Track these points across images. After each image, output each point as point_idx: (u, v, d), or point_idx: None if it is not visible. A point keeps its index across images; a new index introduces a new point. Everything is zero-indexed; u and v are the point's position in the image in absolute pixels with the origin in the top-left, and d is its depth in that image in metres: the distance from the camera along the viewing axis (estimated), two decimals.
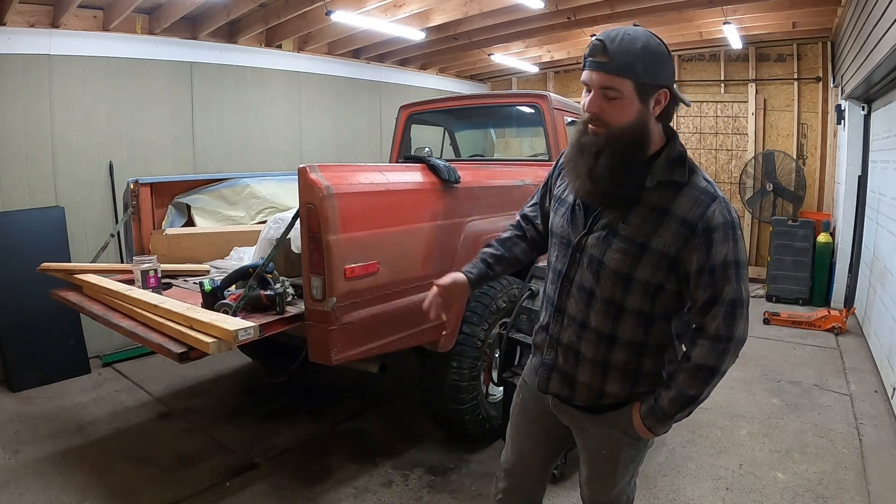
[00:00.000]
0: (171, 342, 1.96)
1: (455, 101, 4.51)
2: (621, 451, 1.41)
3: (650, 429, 1.32)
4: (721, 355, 1.24)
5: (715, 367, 1.25)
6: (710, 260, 1.20)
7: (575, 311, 1.35)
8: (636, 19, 5.23)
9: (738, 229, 1.22)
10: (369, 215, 2.18)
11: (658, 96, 1.21)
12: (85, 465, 2.74)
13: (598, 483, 1.48)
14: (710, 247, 1.20)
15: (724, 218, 1.20)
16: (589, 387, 1.36)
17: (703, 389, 1.26)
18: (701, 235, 1.20)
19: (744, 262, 1.24)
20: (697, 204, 1.21)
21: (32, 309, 3.63)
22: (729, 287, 1.21)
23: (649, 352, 1.33)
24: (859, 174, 4.94)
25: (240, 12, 4.37)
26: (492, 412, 2.87)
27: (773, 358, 4.11)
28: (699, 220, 1.20)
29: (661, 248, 1.23)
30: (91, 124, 4.10)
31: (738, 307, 1.22)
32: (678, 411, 1.28)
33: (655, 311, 1.30)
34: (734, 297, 1.21)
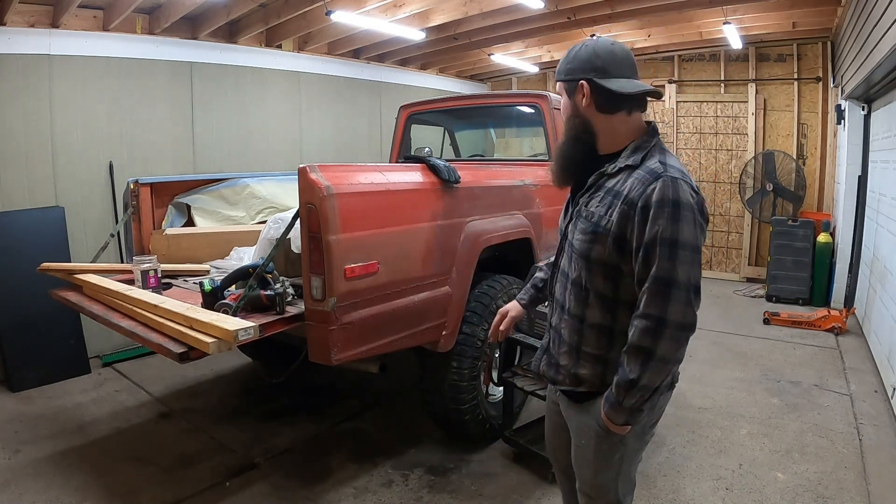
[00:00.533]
0: (171, 342, 1.96)
1: (455, 101, 4.51)
2: (595, 442, 1.43)
3: (608, 417, 1.33)
4: (654, 336, 1.22)
5: (649, 349, 1.23)
6: (644, 236, 1.24)
7: (558, 294, 1.49)
8: (636, 19, 5.24)
9: (681, 208, 1.22)
10: (369, 215, 2.18)
11: (580, 88, 1.36)
12: (85, 465, 2.74)
13: (580, 471, 1.52)
14: (645, 223, 1.24)
15: (662, 195, 1.23)
16: (567, 370, 1.44)
17: (641, 373, 1.24)
18: (639, 213, 1.25)
19: (685, 243, 1.21)
20: (641, 183, 1.27)
21: (32, 309, 3.63)
22: (659, 264, 1.21)
23: (617, 339, 1.35)
24: (859, 174, 4.94)
25: (240, 12, 4.37)
26: (492, 412, 2.87)
27: (773, 358, 4.11)
28: (639, 198, 1.26)
29: (609, 226, 1.30)
30: (91, 124, 4.10)
31: (673, 288, 1.21)
32: (625, 397, 1.27)
33: (620, 296, 1.34)
34: (665, 276, 1.21)
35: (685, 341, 1.25)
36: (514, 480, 2.63)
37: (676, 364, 1.28)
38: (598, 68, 1.34)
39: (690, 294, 1.22)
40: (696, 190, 1.28)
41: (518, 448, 2.78)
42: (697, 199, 1.26)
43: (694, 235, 1.23)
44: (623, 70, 1.35)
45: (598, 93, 1.34)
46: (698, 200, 1.27)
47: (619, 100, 1.34)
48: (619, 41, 1.41)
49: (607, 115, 1.36)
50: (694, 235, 1.23)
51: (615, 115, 1.36)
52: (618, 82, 1.33)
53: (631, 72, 1.36)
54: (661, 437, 2.96)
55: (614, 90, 1.32)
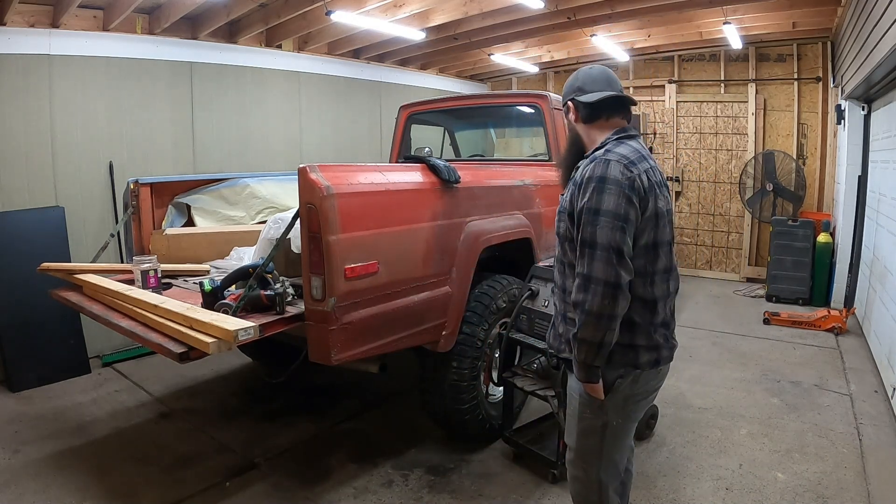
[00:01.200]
0: (171, 342, 1.97)
1: (455, 101, 4.51)
2: (578, 406, 1.62)
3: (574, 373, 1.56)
4: (583, 291, 1.44)
5: (580, 302, 1.45)
6: (577, 207, 1.50)
7: (555, 274, 1.72)
8: (636, 19, 5.24)
9: (605, 182, 1.44)
10: (369, 215, 2.18)
11: (569, 109, 1.67)
12: (85, 465, 2.74)
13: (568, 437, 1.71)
14: (579, 196, 1.50)
15: (592, 173, 1.48)
16: (564, 336, 1.62)
17: (578, 326, 1.46)
18: (577, 190, 1.52)
19: (607, 211, 1.43)
20: (583, 167, 1.55)
21: (32, 309, 3.63)
22: (583, 229, 1.46)
23: None
24: (859, 174, 4.94)
25: (240, 12, 4.37)
26: (492, 412, 2.87)
27: (773, 358, 4.11)
28: (578, 177, 1.54)
29: (565, 205, 1.58)
30: (91, 124, 4.10)
31: (596, 248, 1.43)
32: (576, 352, 1.50)
33: None
34: (588, 238, 1.44)
35: (611, 297, 1.41)
36: (514, 480, 2.62)
37: (610, 320, 1.43)
38: (577, 88, 1.64)
39: (611, 254, 1.41)
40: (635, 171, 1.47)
41: (518, 448, 2.78)
42: (629, 176, 1.45)
43: (616, 205, 1.43)
44: (597, 85, 1.61)
45: (579, 108, 1.63)
46: (629, 177, 1.45)
47: (594, 109, 1.61)
48: (600, 65, 1.71)
49: (590, 125, 1.64)
50: (616, 205, 1.43)
51: (595, 122, 1.63)
52: (588, 95, 1.61)
53: (604, 85, 1.61)
54: (661, 437, 2.96)
55: (584, 102, 1.60)
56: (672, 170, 6.78)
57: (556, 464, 2.56)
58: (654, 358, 1.55)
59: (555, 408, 2.49)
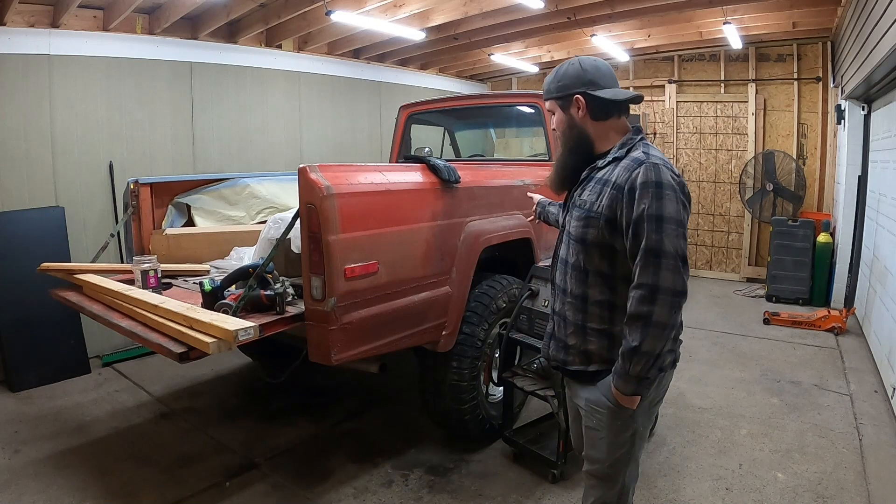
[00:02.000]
0: (171, 342, 1.97)
1: (455, 101, 4.51)
2: (608, 419, 1.52)
3: (618, 388, 1.44)
4: (649, 303, 1.34)
5: (646, 314, 1.35)
6: (632, 214, 1.38)
7: (559, 280, 1.62)
8: (636, 19, 5.24)
9: (663, 188, 1.36)
10: (369, 215, 2.18)
11: (575, 101, 1.54)
12: (85, 465, 2.74)
13: (592, 452, 1.60)
14: (632, 203, 1.39)
15: (646, 178, 1.38)
16: (576, 349, 1.56)
17: (641, 339, 1.35)
18: (626, 195, 1.41)
19: (670, 218, 1.35)
20: (626, 170, 1.44)
21: (32, 309, 3.63)
22: (647, 238, 1.35)
23: (618, 312, 1.47)
24: (859, 174, 4.94)
25: (240, 12, 4.37)
26: (492, 412, 2.87)
27: (773, 358, 4.11)
28: (626, 182, 1.42)
29: (601, 210, 1.46)
30: (91, 124, 4.10)
31: (662, 257, 1.34)
32: (631, 366, 1.39)
33: (616, 272, 1.48)
34: (654, 247, 1.34)
35: (678, 307, 1.36)
36: (514, 480, 2.62)
37: (673, 329, 1.38)
38: (589, 81, 1.53)
39: (678, 262, 1.35)
40: (677, 174, 1.42)
41: (518, 448, 2.78)
42: (679, 181, 1.41)
43: (677, 211, 1.37)
44: (608, 81, 1.55)
45: (592, 103, 1.53)
46: (679, 181, 1.41)
47: (610, 107, 1.54)
48: (598, 58, 1.61)
49: (601, 122, 1.55)
50: (677, 211, 1.37)
51: (607, 120, 1.55)
52: (609, 91, 1.53)
53: (614, 82, 1.57)
54: (661, 437, 2.96)
55: (608, 99, 1.52)
56: None
57: (556, 464, 2.56)
58: (674, 358, 1.54)
59: (555, 408, 2.49)
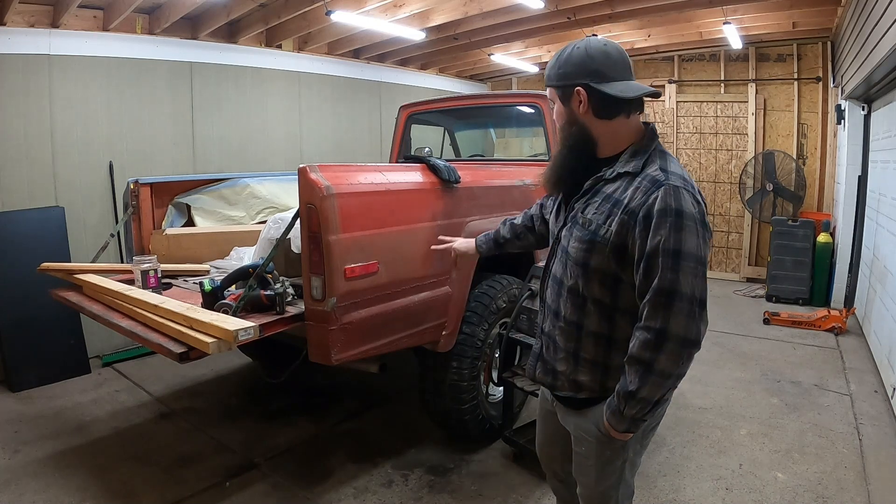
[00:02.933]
0: (171, 342, 1.96)
1: (455, 101, 4.51)
2: (596, 449, 1.39)
3: (609, 423, 1.30)
4: (654, 349, 1.18)
5: (649, 361, 1.18)
6: (645, 246, 1.19)
7: (551, 300, 1.43)
8: (636, 19, 5.24)
9: (683, 217, 1.17)
10: (369, 215, 2.18)
11: (576, 94, 1.29)
12: (85, 465, 2.74)
13: (581, 478, 1.49)
14: (647, 233, 1.19)
15: (664, 204, 1.18)
16: (565, 376, 1.40)
17: (639, 386, 1.20)
18: (641, 222, 1.20)
19: (689, 254, 1.16)
20: (641, 192, 1.22)
21: (32, 309, 3.63)
22: (661, 275, 1.16)
23: (616, 346, 1.31)
24: (859, 174, 4.94)
25: (240, 12, 4.37)
26: (492, 412, 2.87)
27: (773, 358, 4.11)
28: (640, 208, 1.21)
29: (609, 236, 1.25)
30: (91, 124, 4.10)
31: (676, 299, 1.16)
32: (625, 407, 1.24)
33: (619, 304, 1.30)
34: (667, 288, 1.16)
35: (688, 357, 1.19)
36: (514, 480, 2.62)
37: (678, 379, 1.22)
38: (594, 72, 1.27)
39: (695, 307, 1.17)
40: (699, 199, 1.23)
41: (518, 448, 2.78)
42: (699, 209, 1.21)
43: (697, 246, 1.18)
44: (619, 72, 1.29)
45: (596, 98, 1.28)
46: (700, 210, 1.21)
47: (619, 104, 1.28)
48: (611, 41, 1.34)
49: (607, 121, 1.31)
50: (697, 246, 1.18)
51: (615, 119, 1.30)
52: (617, 86, 1.27)
53: (627, 73, 1.30)
54: (661, 437, 2.96)
55: (615, 95, 1.26)
56: None
57: None
58: None
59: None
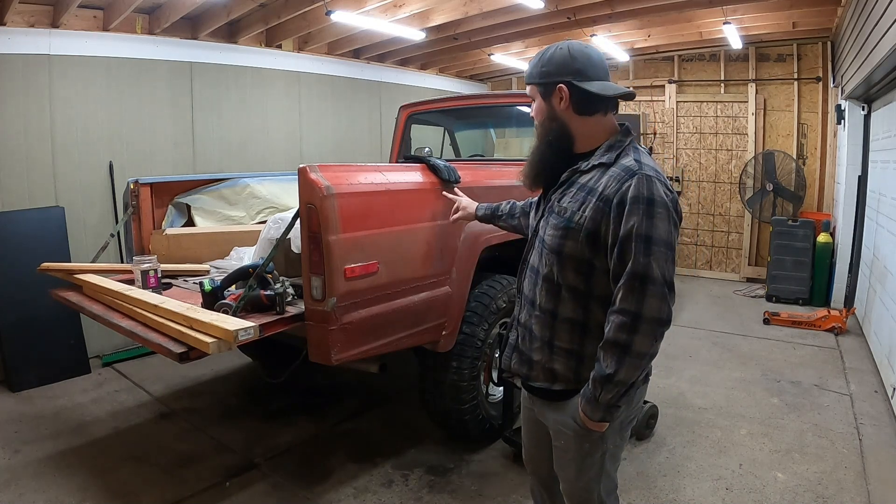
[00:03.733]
0: (171, 342, 1.96)
1: (455, 101, 4.51)
2: (575, 442, 1.42)
3: (585, 413, 1.33)
4: (629, 331, 1.24)
5: (625, 343, 1.24)
6: (619, 232, 1.26)
7: (527, 290, 1.49)
8: (636, 19, 5.24)
9: (655, 206, 1.24)
10: (369, 215, 2.18)
11: (558, 91, 1.37)
12: (85, 465, 2.74)
13: (562, 472, 1.51)
14: (620, 219, 1.26)
15: (637, 192, 1.25)
16: (541, 365, 1.44)
17: (616, 368, 1.25)
18: (614, 209, 1.27)
19: (660, 239, 1.23)
20: (616, 180, 1.30)
21: (32, 309, 3.63)
22: (634, 260, 1.23)
23: (590, 334, 1.36)
24: (859, 174, 4.94)
25: (240, 12, 4.37)
26: (492, 412, 2.87)
27: (773, 358, 4.11)
28: (615, 195, 1.28)
29: (582, 222, 1.32)
30: (91, 124, 4.10)
31: (649, 283, 1.22)
32: (601, 392, 1.28)
33: (592, 291, 1.35)
34: (640, 272, 1.23)
35: (661, 336, 1.26)
36: (514, 480, 2.62)
37: (651, 359, 1.29)
38: (576, 71, 1.36)
39: (665, 289, 1.24)
40: (670, 188, 1.31)
41: (518, 448, 2.77)
42: (672, 198, 1.28)
43: (668, 232, 1.25)
44: (598, 73, 1.38)
45: (577, 95, 1.36)
46: (672, 198, 1.28)
47: (597, 102, 1.37)
48: (590, 45, 1.43)
49: (585, 117, 1.39)
50: (668, 232, 1.25)
51: (593, 116, 1.39)
52: (597, 84, 1.36)
53: (605, 74, 1.40)
54: (661, 437, 2.96)
55: (596, 93, 1.35)
56: (672, 170, 6.78)
57: None
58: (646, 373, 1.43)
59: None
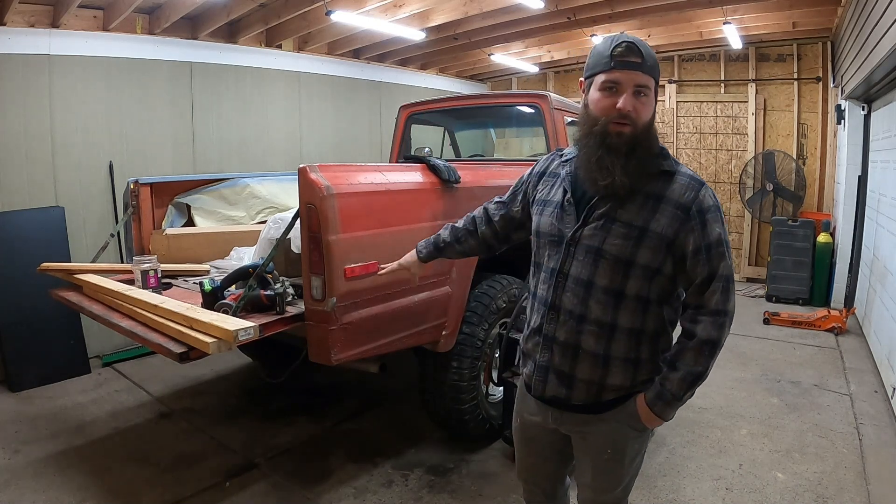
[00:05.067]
0: (171, 342, 1.96)
1: (455, 101, 4.51)
2: (627, 446, 1.43)
3: (660, 415, 1.36)
4: (721, 328, 1.32)
5: (717, 340, 1.32)
6: (706, 239, 1.30)
7: (572, 304, 1.36)
8: (636, 19, 5.24)
9: (719, 210, 1.34)
10: (369, 215, 2.18)
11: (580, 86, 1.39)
12: (85, 465, 2.74)
13: (606, 482, 1.46)
14: (705, 227, 1.30)
15: (713, 201, 1.33)
16: (589, 383, 1.37)
17: (707, 364, 1.33)
18: (696, 217, 1.30)
19: (726, 241, 1.34)
20: (689, 189, 1.31)
21: (32, 309, 3.63)
22: (723, 263, 1.31)
23: (646, 339, 1.37)
24: (859, 174, 4.94)
25: (240, 12, 4.37)
26: (492, 412, 2.87)
27: (773, 358, 4.11)
28: (692, 203, 1.30)
29: (659, 230, 1.30)
30: (91, 124, 4.10)
31: (731, 282, 1.33)
32: (686, 390, 1.34)
33: (651, 296, 1.35)
34: (728, 273, 1.32)
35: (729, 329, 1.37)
36: (514, 480, 2.59)
37: None
38: (588, 66, 1.36)
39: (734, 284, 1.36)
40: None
41: None
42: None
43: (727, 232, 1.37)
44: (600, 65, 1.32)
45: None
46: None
47: None
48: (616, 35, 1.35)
49: None
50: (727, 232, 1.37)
51: None
52: None
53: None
54: (661, 437, 2.96)
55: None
56: None
57: None
58: None
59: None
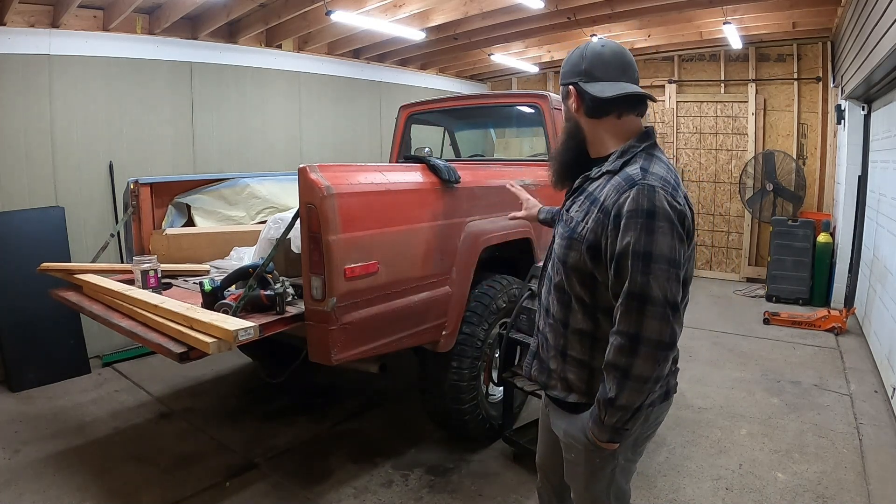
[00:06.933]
0: (171, 342, 1.96)
1: (455, 101, 4.51)
2: (584, 456, 1.37)
3: (593, 432, 1.28)
4: (629, 355, 1.15)
5: (625, 366, 1.16)
6: (616, 247, 1.18)
7: (543, 297, 1.47)
8: (636, 19, 5.24)
9: (656, 219, 1.15)
10: (369, 215, 2.18)
11: (570, 93, 1.36)
12: (85, 465, 2.74)
13: (572, 483, 1.48)
14: (617, 233, 1.18)
15: (635, 205, 1.16)
16: (557, 374, 1.41)
17: (618, 392, 1.18)
18: (612, 222, 1.20)
19: (661, 256, 1.14)
20: (616, 190, 1.22)
21: (32, 309, 3.63)
22: (632, 279, 1.15)
23: (600, 346, 1.28)
24: (859, 174, 4.94)
25: (240, 12, 4.38)
26: (492, 412, 2.87)
27: (773, 358, 4.11)
28: (613, 206, 1.21)
29: (584, 234, 1.26)
30: (91, 124, 4.10)
31: (648, 303, 1.14)
32: (606, 415, 1.22)
33: (598, 303, 1.29)
34: (638, 292, 1.14)
35: (664, 360, 1.17)
36: (514, 480, 2.62)
37: (656, 383, 1.19)
38: (584, 71, 1.32)
39: (667, 310, 1.14)
40: (679, 201, 1.20)
41: (518, 448, 2.78)
42: (679, 210, 1.18)
43: (671, 247, 1.15)
44: (609, 72, 1.31)
45: (586, 97, 1.32)
46: (679, 211, 1.18)
47: (605, 104, 1.30)
48: (613, 41, 1.38)
49: (596, 120, 1.34)
50: (671, 247, 1.15)
51: (603, 119, 1.33)
52: (598, 86, 1.29)
53: (618, 73, 1.31)
54: (661, 437, 2.95)
55: (594, 94, 1.29)
56: None
57: None
58: (665, 391, 1.37)
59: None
